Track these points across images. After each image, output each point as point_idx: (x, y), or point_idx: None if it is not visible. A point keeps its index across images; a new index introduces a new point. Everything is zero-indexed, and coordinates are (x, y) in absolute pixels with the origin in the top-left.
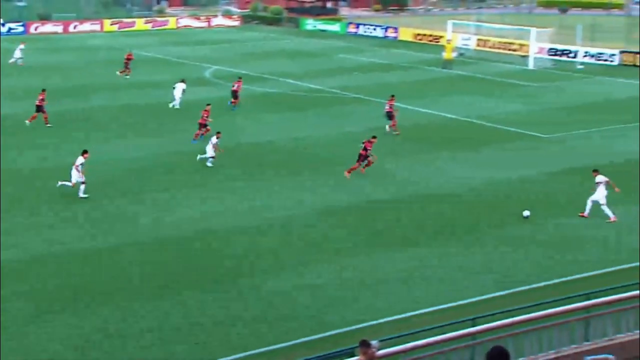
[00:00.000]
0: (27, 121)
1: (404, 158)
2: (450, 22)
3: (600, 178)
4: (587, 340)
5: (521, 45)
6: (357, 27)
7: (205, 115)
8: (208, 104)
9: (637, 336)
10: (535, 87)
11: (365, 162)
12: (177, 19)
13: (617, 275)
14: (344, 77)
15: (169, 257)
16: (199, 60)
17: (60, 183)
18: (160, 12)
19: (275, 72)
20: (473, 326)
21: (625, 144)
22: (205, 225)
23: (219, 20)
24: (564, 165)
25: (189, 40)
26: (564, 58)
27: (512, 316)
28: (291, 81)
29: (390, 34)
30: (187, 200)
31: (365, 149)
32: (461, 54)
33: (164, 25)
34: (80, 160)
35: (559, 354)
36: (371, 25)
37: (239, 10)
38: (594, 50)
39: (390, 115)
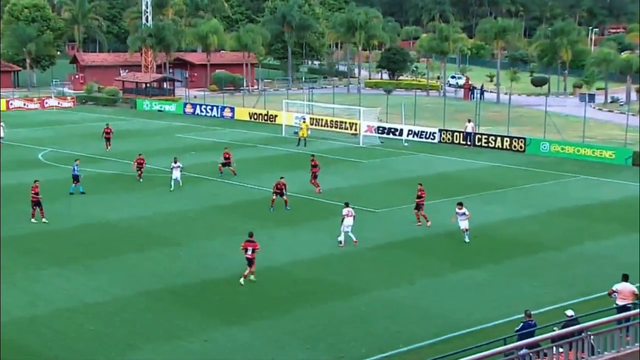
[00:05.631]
0: None
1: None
2: (284, 102)
3: (346, 211)
4: None
5: (351, 123)
6: (194, 107)
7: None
8: (36, 180)
9: None
10: (365, 163)
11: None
12: (8, 101)
13: None
14: (181, 156)
15: None
16: (31, 142)
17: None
18: None
19: (111, 153)
20: None
21: (442, 216)
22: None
23: (52, 102)
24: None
25: (21, 122)
26: (391, 136)
27: None
28: (128, 161)
29: (227, 113)
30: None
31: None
32: (295, 133)
33: None
34: None
35: None
36: (208, 105)
37: (73, 91)
38: (417, 129)
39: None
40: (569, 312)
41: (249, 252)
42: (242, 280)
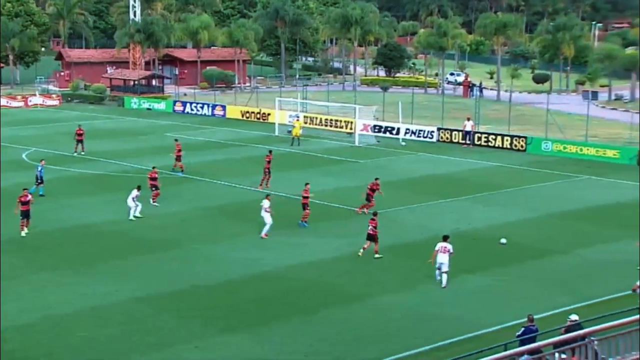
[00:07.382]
0: None
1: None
2: (277, 100)
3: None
4: None
5: (347, 122)
6: (184, 105)
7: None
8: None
9: None
10: (360, 163)
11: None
12: None
13: None
14: (171, 156)
15: None
16: (15, 142)
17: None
18: None
19: (98, 152)
20: None
21: (441, 219)
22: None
23: (36, 100)
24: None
25: (4, 121)
26: (388, 135)
27: None
28: (114, 161)
29: (218, 112)
30: None
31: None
32: (289, 132)
33: None
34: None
35: None
36: (198, 103)
37: (58, 89)
38: (414, 127)
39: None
40: (573, 317)
41: (370, 228)
42: (361, 252)
